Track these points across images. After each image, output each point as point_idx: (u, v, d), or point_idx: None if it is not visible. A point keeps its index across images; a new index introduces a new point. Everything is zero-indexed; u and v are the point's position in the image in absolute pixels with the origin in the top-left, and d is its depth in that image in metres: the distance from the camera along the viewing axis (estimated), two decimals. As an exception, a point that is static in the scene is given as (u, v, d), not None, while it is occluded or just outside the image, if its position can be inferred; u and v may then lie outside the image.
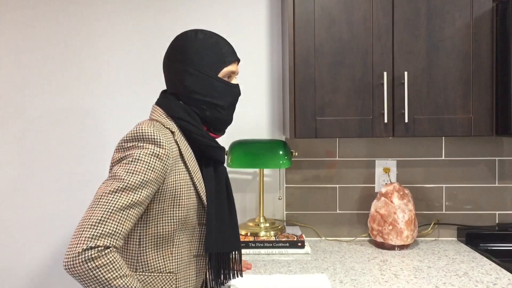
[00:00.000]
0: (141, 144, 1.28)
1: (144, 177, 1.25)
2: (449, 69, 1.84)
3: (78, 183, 2.19)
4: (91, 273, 1.15)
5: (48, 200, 2.20)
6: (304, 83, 1.84)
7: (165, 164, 1.30)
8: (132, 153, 1.27)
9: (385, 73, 1.81)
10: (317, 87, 1.84)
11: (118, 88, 2.20)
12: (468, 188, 2.18)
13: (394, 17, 1.83)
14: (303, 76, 1.84)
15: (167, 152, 1.30)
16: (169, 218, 1.34)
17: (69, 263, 1.14)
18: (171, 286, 1.35)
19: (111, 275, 1.17)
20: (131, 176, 1.24)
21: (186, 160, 1.37)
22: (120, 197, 1.21)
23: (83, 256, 1.14)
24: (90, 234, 1.16)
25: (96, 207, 1.20)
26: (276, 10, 2.19)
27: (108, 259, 1.16)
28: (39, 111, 2.19)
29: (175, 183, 1.33)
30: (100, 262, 1.15)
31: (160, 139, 1.29)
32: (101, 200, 1.21)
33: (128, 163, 1.26)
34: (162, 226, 1.34)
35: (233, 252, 1.48)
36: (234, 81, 1.47)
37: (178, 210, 1.34)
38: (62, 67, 2.18)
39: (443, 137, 2.17)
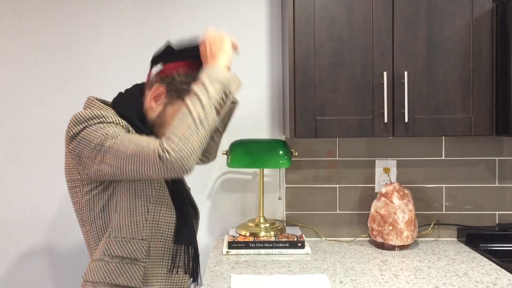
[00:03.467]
0: (87, 123, 1.32)
1: (111, 127, 1.31)
2: (449, 69, 1.84)
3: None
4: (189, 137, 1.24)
5: (46, 200, 2.20)
6: (304, 83, 1.84)
7: (122, 126, 1.34)
8: (86, 131, 1.32)
9: (385, 73, 1.81)
10: (317, 87, 1.84)
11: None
12: (468, 188, 2.18)
13: (394, 17, 1.83)
14: (303, 76, 1.84)
15: (119, 121, 1.34)
16: (143, 193, 1.37)
17: (178, 163, 1.22)
18: (142, 252, 1.37)
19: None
20: (103, 130, 1.30)
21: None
22: (121, 139, 1.28)
23: (164, 151, 1.22)
24: (151, 155, 1.23)
25: (123, 159, 1.26)
26: (276, 10, 2.19)
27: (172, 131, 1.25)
28: (39, 112, 2.19)
29: None
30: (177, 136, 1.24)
31: (106, 114, 1.33)
32: (118, 160, 1.27)
33: (90, 133, 1.30)
34: (135, 200, 1.37)
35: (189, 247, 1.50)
36: None
37: (152, 188, 1.38)
38: (62, 68, 2.18)
39: (443, 137, 2.17)
